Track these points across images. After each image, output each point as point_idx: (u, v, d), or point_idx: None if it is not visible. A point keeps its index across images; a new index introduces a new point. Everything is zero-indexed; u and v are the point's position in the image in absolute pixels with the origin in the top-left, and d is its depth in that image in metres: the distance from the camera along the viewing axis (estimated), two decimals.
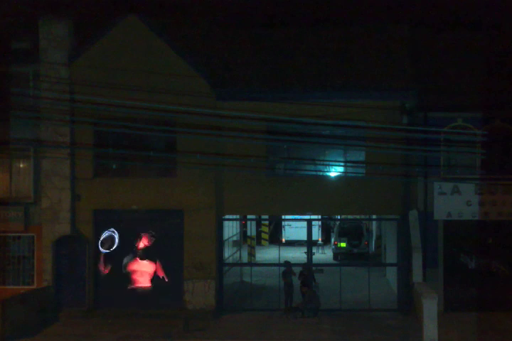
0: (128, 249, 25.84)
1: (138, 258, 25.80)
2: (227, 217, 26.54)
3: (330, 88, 25.59)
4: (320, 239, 41.66)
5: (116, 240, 25.72)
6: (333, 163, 25.90)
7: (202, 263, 25.50)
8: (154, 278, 25.81)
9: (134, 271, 25.83)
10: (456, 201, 25.32)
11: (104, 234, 25.62)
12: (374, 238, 38.74)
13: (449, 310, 25.23)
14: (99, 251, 25.77)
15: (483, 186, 25.11)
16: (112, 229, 25.71)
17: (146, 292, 25.79)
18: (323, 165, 25.85)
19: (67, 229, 25.54)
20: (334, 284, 27.11)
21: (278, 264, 27.20)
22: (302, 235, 35.60)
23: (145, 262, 25.77)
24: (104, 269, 25.74)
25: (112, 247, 25.71)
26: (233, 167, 24.73)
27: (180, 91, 24.95)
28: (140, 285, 25.83)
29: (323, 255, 39.21)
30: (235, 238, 31.24)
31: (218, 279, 25.89)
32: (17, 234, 26.12)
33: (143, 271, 25.79)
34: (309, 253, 26.83)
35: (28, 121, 24.99)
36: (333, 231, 40.29)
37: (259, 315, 25.32)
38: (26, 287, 25.78)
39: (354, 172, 25.91)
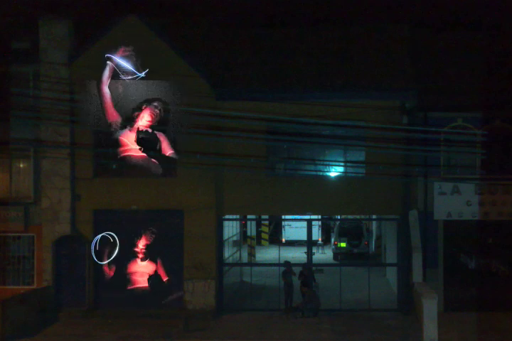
0: (128, 249, 25.83)
1: (138, 259, 25.79)
2: (227, 217, 26.54)
3: (330, 88, 25.59)
4: (320, 239, 41.63)
5: (117, 242, 25.66)
6: (333, 163, 25.89)
7: (202, 263, 25.50)
8: (155, 278, 25.80)
9: (134, 272, 25.82)
10: (456, 201, 25.32)
11: (96, 240, 25.50)
12: (374, 238, 38.73)
13: (449, 310, 25.22)
14: (101, 253, 25.76)
15: (483, 186, 25.11)
16: (105, 234, 25.60)
17: (146, 292, 25.80)
18: (323, 165, 25.85)
19: (67, 229, 25.54)
20: (334, 284, 27.11)
21: (278, 264, 27.18)
22: (302, 235, 35.55)
23: (145, 263, 25.77)
24: (109, 270, 25.71)
25: (112, 252, 25.63)
26: (233, 167, 24.73)
27: (180, 91, 24.97)
28: (140, 285, 25.82)
29: (323, 255, 39.19)
30: (235, 238, 31.24)
31: (218, 279, 25.89)
32: (17, 234, 26.13)
33: (143, 272, 25.79)
34: (309, 253, 26.83)
35: (28, 121, 24.99)
36: (333, 231, 40.28)
37: (259, 315, 25.32)
38: (26, 287, 25.79)
39: (354, 172, 25.91)
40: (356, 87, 25.62)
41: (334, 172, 26.23)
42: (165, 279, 25.70)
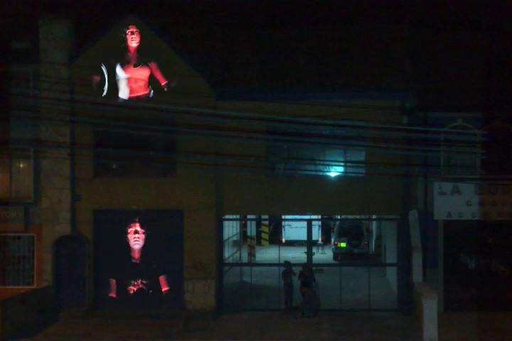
0: (127, 249, 25.84)
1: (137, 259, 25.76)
2: (227, 217, 26.54)
3: (330, 88, 25.59)
4: (320, 239, 41.64)
5: None
6: (333, 163, 25.89)
7: (202, 263, 25.50)
8: (154, 278, 25.81)
9: (134, 272, 25.81)
10: (456, 201, 25.32)
11: None
12: (374, 238, 38.73)
13: (449, 310, 25.22)
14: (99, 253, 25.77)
15: (483, 186, 25.11)
16: None
17: (146, 292, 25.79)
18: (323, 165, 25.84)
19: (67, 229, 25.54)
20: (334, 284, 27.11)
21: (278, 264, 27.18)
22: (302, 235, 35.55)
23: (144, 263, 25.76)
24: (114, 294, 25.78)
25: None
26: (233, 167, 24.72)
27: (180, 91, 24.98)
28: (140, 286, 25.82)
29: (323, 255, 39.20)
30: (235, 238, 31.23)
31: (218, 279, 25.89)
32: (17, 234, 26.14)
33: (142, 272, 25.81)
34: (309, 253, 26.83)
35: (28, 121, 24.98)
36: (333, 231, 40.28)
37: (259, 315, 25.32)
38: (26, 287, 25.79)
39: (354, 172, 25.91)
40: (356, 87, 25.62)
41: (334, 172, 26.23)
42: (164, 289, 25.70)
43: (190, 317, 24.09)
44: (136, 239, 25.63)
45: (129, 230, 25.66)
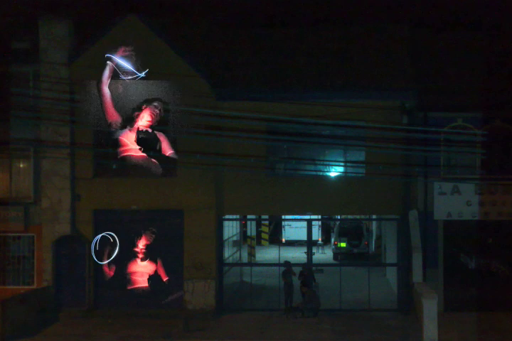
0: (128, 249, 25.83)
1: (138, 259, 25.79)
2: (227, 217, 26.54)
3: (330, 88, 25.59)
4: (320, 239, 41.65)
5: (117, 242, 25.66)
6: (333, 163, 25.90)
7: (202, 263, 25.51)
8: (154, 278, 25.80)
9: (135, 272, 25.81)
10: (456, 201, 25.33)
11: (96, 240, 25.50)
12: (374, 238, 38.74)
13: (449, 310, 25.22)
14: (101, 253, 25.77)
15: (483, 186, 25.12)
16: (105, 234, 25.59)
17: (146, 292, 25.80)
18: (323, 165, 25.85)
19: (67, 229, 25.55)
20: (334, 284, 27.11)
21: (278, 264, 27.18)
22: (302, 235, 35.59)
23: (145, 263, 25.77)
24: (109, 270, 25.70)
25: (112, 252, 25.64)
26: (233, 167, 24.73)
27: (180, 91, 24.99)
28: (140, 285, 25.81)
29: (323, 255, 39.20)
30: (235, 238, 31.24)
31: (218, 279, 25.89)
32: (17, 234, 26.13)
33: (143, 272, 25.78)
34: (309, 253, 26.84)
35: (28, 121, 25.00)
36: (333, 231, 40.29)
37: (259, 315, 25.33)
38: (26, 287, 25.80)
39: (354, 172, 25.91)
40: (356, 87, 25.62)
41: (334, 172, 26.24)
42: (165, 279, 25.71)
43: (190, 317, 24.10)
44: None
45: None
